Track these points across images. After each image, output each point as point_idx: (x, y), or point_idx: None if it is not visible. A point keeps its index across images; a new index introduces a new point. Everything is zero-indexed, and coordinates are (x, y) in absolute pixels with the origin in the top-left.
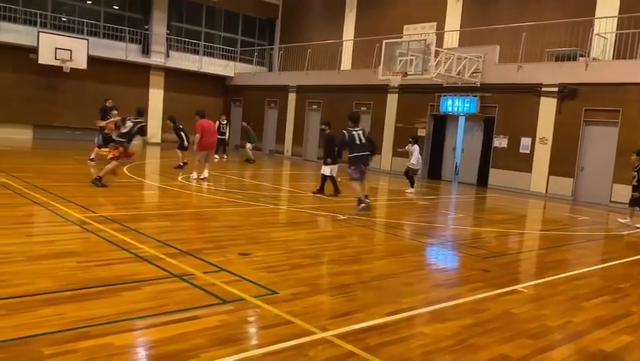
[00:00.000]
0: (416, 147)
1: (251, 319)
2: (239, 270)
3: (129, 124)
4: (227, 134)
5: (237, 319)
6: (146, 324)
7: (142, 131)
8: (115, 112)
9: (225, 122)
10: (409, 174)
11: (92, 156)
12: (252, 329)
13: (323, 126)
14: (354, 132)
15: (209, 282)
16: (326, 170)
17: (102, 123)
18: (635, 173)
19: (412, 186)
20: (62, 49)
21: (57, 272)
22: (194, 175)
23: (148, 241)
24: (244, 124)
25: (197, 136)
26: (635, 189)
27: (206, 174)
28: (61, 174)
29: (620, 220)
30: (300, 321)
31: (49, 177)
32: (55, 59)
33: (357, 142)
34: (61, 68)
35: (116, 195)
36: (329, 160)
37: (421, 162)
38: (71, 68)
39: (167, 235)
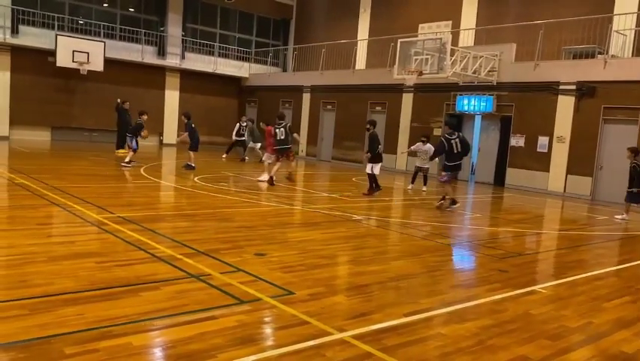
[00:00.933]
0: (429, 146)
1: (268, 319)
2: (255, 270)
3: (280, 131)
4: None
5: (255, 319)
6: (165, 324)
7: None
8: (144, 117)
9: (245, 123)
10: (423, 173)
11: (127, 160)
12: (269, 330)
13: (368, 126)
14: (452, 141)
15: (226, 282)
16: (375, 169)
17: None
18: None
19: (425, 183)
20: (79, 51)
21: (78, 272)
22: (265, 177)
23: (165, 242)
24: (249, 122)
25: (272, 141)
26: (631, 184)
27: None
28: (79, 175)
29: (617, 218)
30: (316, 321)
31: (66, 178)
32: (73, 61)
33: (455, 151)
34: (78, 70)
35: (133, 196)
36: (369, 156)
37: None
38: (88, 70)
39: (184, 236)
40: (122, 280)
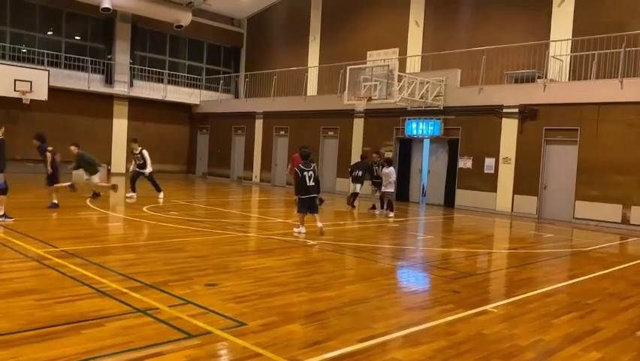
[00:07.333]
0: (392, 170)
1: (218, 353)
2: (205, 302)
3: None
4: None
5: (204, 353)
6: None
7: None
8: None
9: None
10: (388, 199)
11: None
12: None
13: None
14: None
15: (175, 316)
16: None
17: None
18: None
19: (392, 210)
20: (21, 80)
21: (14, 311)
22: None
23: (111, 275)
24: (73, 148)
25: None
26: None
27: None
28: (21, 209)
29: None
30: (269, 353)
31: (7, 212)
32: (15, 90)
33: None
34: (20, 99)
35: (78, 229)
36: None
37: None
38: (31, 100)
39: (131, 268)
40: (62, 317)
